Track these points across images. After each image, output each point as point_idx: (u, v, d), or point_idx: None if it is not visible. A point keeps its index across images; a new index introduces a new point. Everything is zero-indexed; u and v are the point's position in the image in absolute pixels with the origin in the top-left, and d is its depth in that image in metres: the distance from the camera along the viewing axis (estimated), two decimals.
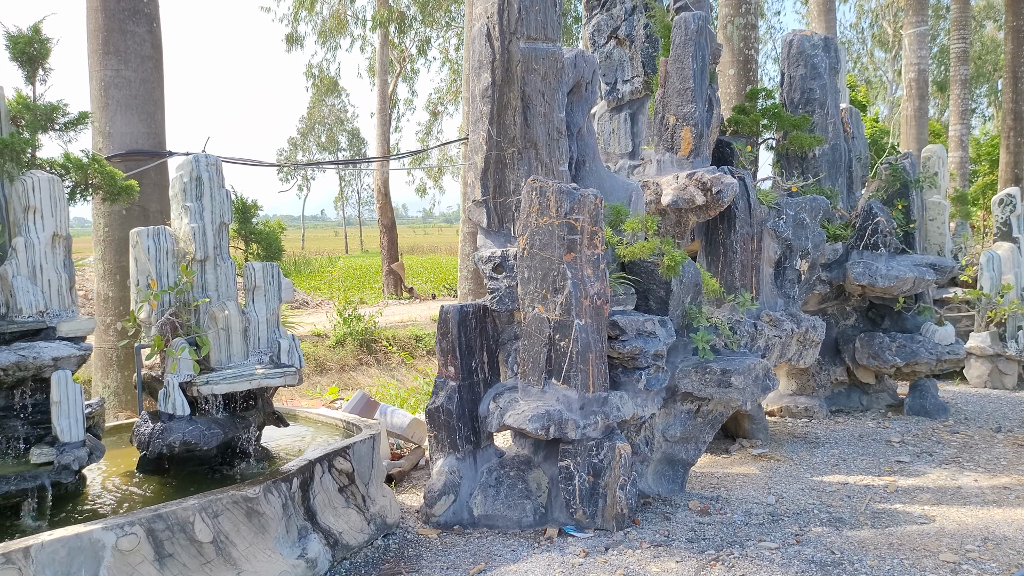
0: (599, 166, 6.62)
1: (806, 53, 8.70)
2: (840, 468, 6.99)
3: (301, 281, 30.43)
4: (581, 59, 6.45)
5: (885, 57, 50.47)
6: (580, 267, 5.45)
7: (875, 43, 50.51)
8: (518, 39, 5.89)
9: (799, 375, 8.93)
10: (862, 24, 51.32)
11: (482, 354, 6.10)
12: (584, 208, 5.44)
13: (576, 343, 5.40)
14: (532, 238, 5.58)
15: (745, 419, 7.88)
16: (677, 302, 6.21)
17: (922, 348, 8.45)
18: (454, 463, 5.92)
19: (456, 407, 5.92)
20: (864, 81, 49.87)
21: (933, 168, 12.41)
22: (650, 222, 5.93)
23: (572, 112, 6.49)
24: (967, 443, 7.62)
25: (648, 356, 5.77)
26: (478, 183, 6.04)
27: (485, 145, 5.99)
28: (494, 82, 5.93)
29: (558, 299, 5.46)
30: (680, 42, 7.10)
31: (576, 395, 5.44)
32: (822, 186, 8.41)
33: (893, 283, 8.06)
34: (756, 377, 6.18)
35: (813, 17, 16.04)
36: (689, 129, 7.12)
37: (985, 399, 9.47)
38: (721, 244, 7.26)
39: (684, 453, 6.38)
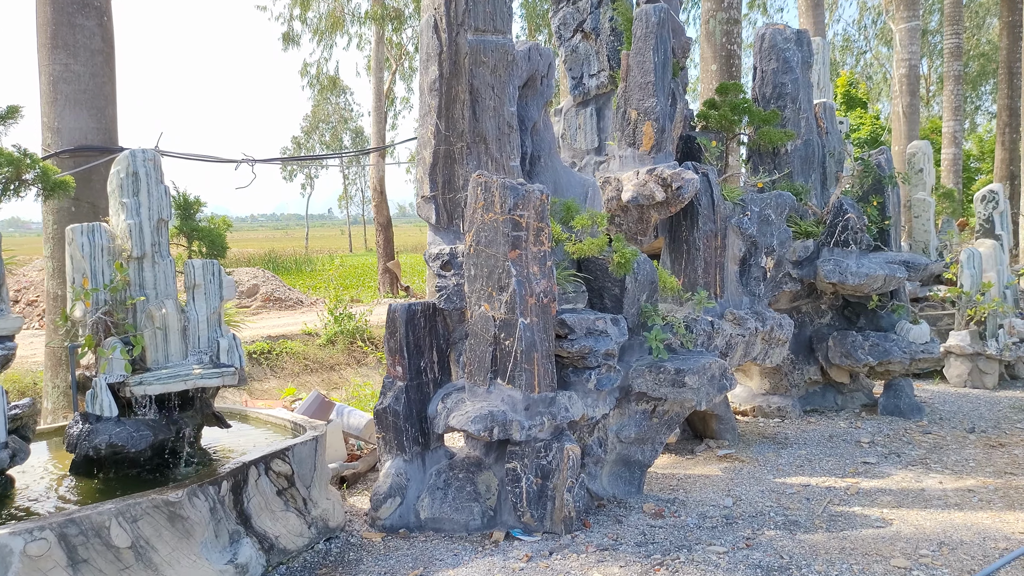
0: (556, 161, 6.48)
1: (778, 47, 8.54)
2: (804, 469, 6.84)
3: (299, 279, 30.36)
4: (535, 52, 6.30)
5: (888, 53, 50.20)
6: (525, 264, 5.31)
7: (879, 40, 50.23)
8: (466, 31, 5.75)
9: (772, 374, 8.77)
10: (865, 21, 51.03)
11: (431, 353, 5.96)
12: (529, 204, 5.30)
13: (521, 342, 5.26)
14: (478, 235, 5.45)
15: (713, 419, 7.74)
16: (632, 300, 6.07)
17: (895, 347, 8.29)
18: (401, 465, 5.79)
19: (403, 408, 5.78)
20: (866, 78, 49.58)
21: (918, 164, 12.26)
22: (600, 218, 5.79)
23: (526, 106, 6.35)
24: (938, 444, 7.46)
25: (599, 355, 5.63)
26: (426, 179, 5.91)
27: (433, 140, 5.86)
28: (441, 75, 5.80)
29: (503, 297, 5.32)
30: (641, 35, 6.95)
31: (521, 396, 5.30)
32: (793, 182, 8.25)
33: (863, 281, 7.90)
34: (712, 377, 6.03)
35: (801, 12, 15.85)
36: (651, 124, 6.97)
37: (963, 399, 9.30)
38: (684, 241, 7.12)
39: (640, 454, 6.24)
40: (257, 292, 22.08)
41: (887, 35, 48.08)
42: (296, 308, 22.47)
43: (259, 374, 12.21)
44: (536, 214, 5.33)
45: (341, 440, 6.99)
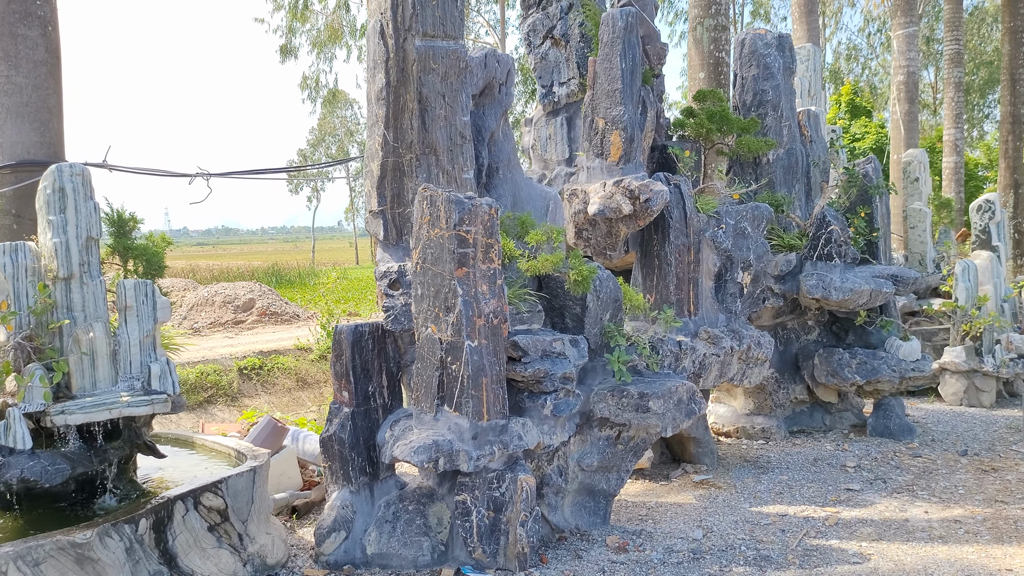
0: (515, 173, 6.15)
1: (759, 52, 8.20)
2: (784, 497, 6.47)
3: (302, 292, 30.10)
4: (492, 58, 5.99)
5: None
6: (473, 283, 4.98)
7: (884, 48, 49.84)
8: (414, 36, 5.44)
9: (756, 394, 8.40)
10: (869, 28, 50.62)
11: (381, 377, 5.64)
12: (477, 219, 4.97)
13: (467, 366, 4.92)
14: (424, 252, 5.12)
15: (690, 442, 7.37)
16: (594, 319, 5.73)
17: (884, 365, 7.91)
18: (347, 497, 5.45)
19: (349, 436, 5.45)
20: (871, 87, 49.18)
21: (914, 173, 11.89)
22: (557, 233, 5.46)
23: (483, 115, 6.03)
24: (927, 468, 7.08)
25: (555, 379, 5.28)
26: (374, 192, 5.59)
27: (381, 151, 5.54)
28: (388, 83, 5.49)
29: (450, 318, 4.99)
30: (607, 40, 6.64)
31: (468, 423, 4.96)
32: (774, 193, 7.91)
33: (847, 296, 7.53)
34: (679, 401, 5.68)
35: (795, 18, 15.51)
36: (618, 133, 6.64)
37: (958, 418, 8.90)
38: (656, 256, 6.77)
39: (605, 483, 5.88)
40: (253, 306, 21.80)
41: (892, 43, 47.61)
42: (292, 322, 22.20)
43: (250, 390, 11.90)
44: (485, 229, 5.00)
45: (295, 467, 6.66)
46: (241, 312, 21.70)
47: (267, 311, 22.74)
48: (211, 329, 19.89)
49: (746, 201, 8.01)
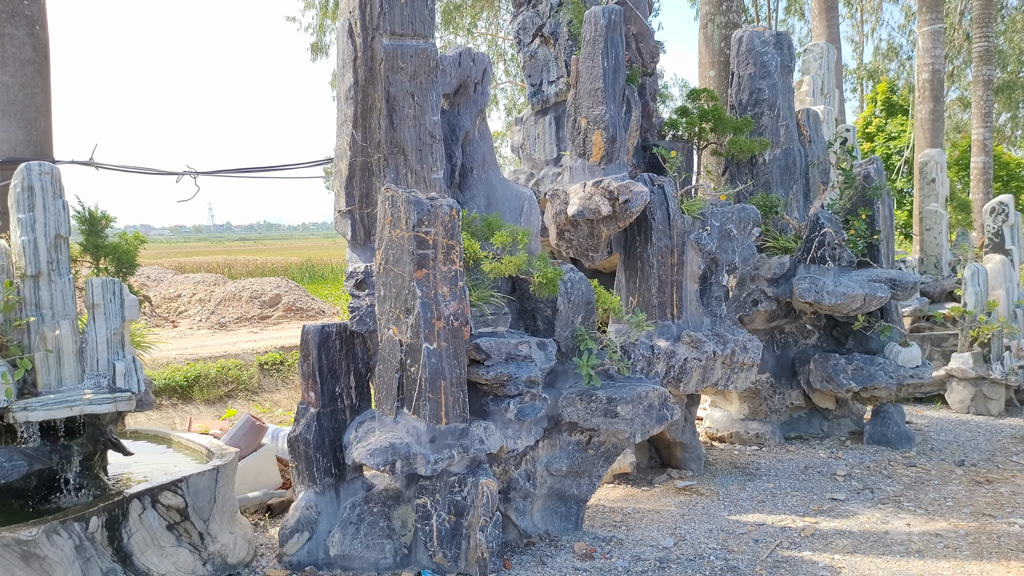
0: (491, 174, 6.08)
1: (756, 50, 8.03)
2: (765, 505, 6.33)
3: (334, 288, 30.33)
4: (467, 57, 5.93)
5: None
6: (433, 285, 4.92)
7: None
8: (382, 35, 5.40)
9: (751, 398, 8.24)
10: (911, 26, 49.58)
11: (348, 378, 5.61)
12: (437, 220, 4.92)
13: (425, 369, 4.87)
14: (387, 253, 5.08)
15: (677, 447, 7.25)
16: (565, 322, 5.64)
17: (881, 371, 7.70)
18: (312, 498, 5.43)
19: (315, 436, 5.43)
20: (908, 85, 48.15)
21: (931, 174, 11.60)
22: (523, 235, 5.38)
23: (458, 115, 5.98)
24: (919, 479, 6.88)
25: (519, 383, 5.21)
26: (343, 192, 5.56)
27: (349, 151, 5.51)
28: (356, 82, 5.45)
29: (409, 320, 4.94)
30: (590, 38, 6.54)
31: (425, 427, 4.90)
32: (769, 194, 7.74)
33: (841, 300, 7.34)
34: (649, 406, 5.57)
35: (815, 15, 15.22)
36: (600, 133, 6.54)
37: (962, 427, 8.65)
38: (638, 258, 6.66)
39: (576, 488, 5.80)
40: (279, 302, 22.03)
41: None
42: (317, 318, 22.41)
43: (270, 385, 12.05)
44: (445, 230, 4.95)
45: (274, 466, 6.67)
46: (267, 307, 21.93)
47: (293, 307, 22.94)
48: (237, 324, 20.12)
49: (743, 202, 7.86)
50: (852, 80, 51.18)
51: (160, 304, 21.80)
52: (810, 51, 11.81)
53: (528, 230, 5.49)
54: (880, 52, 48.87)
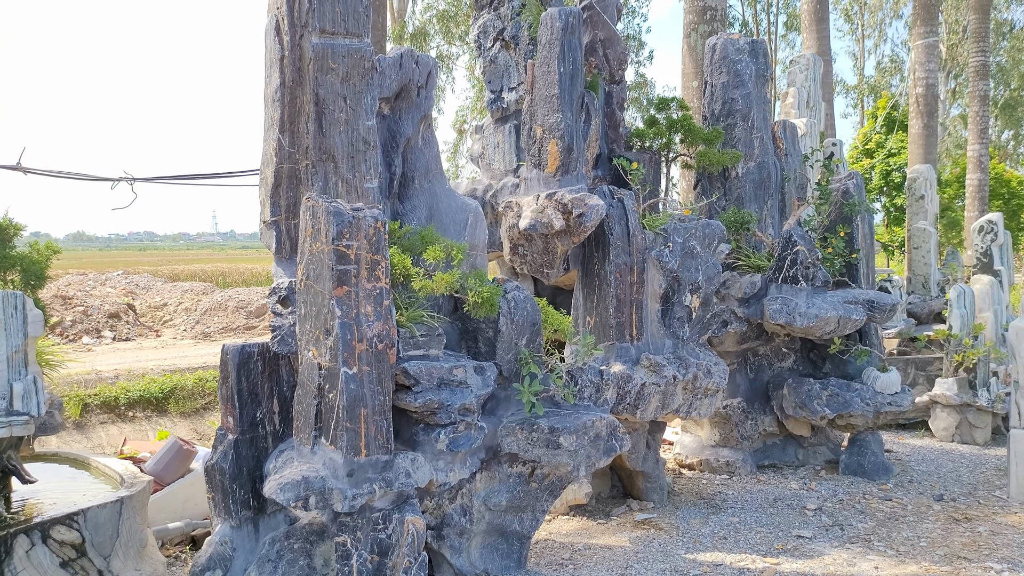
0: (436, 183, 5.69)
1: (729, 59, 7.65)
2: (727, 543, 5.89)
3: None
4: (410, 59, 5.54)
5: (941, 76, 48.59)
6: (355, 304, 4.51)
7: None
8: (310, 33, 5.01)
9: (723, 424, 7.81)
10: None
11: (271, 402, 5.19)
12: (359, 233, 4.51)
13: (343, 396, 4.45)
14: (307, 268, 4.68)
15: (639, 477, 6.83)
16: (508, 344, 5.23)
17: (857, 397, 7.28)
18: (227, 532, 5.01)
19: (231, 465, 5.01)
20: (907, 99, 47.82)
21: (919, 191, 11.20)
22: (457, 250, 4.97)
23: (399, 120, 5.58)
24: (894, 514, 6.44)
25: (452, 411, 4.79)
26: (268, 201, 5.16)
27: (275, 157, 5.12)
28: (283, 83, 5.06)
29: (328, 342, 4.53)
30: (546, 42, 6.16)
31: (342, 459, 4.48)
32: (741, 209, 7.34)
33: (813, 323, 6.92)
34: (596, 437, 5.15)
35: (805, 27, 14.86)
36: (556, 142, 6.15)
37: (945, 457, 8.21)
38: (596, 275, 6.26)
39: (518, 524, 5.37)
40: (266, 312, 21.62)
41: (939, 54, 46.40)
42: None
43: None
44: (369, 244, 4.54)
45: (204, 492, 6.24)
46: (254, 317, 21.51)
47: None
48: (222, 334, 19.70)
49: (716, 217, 7.47)
50: (854, 95, 50.95)
51: (145, 313, 21.40)
52: (796, 63, 11.43)
53: (464, 245, 5.08)
54: (882, 67, 48.62)
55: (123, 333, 18.88)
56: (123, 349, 16.22)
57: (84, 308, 19.35)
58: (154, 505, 5.96)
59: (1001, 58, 45.85)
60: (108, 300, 20.10)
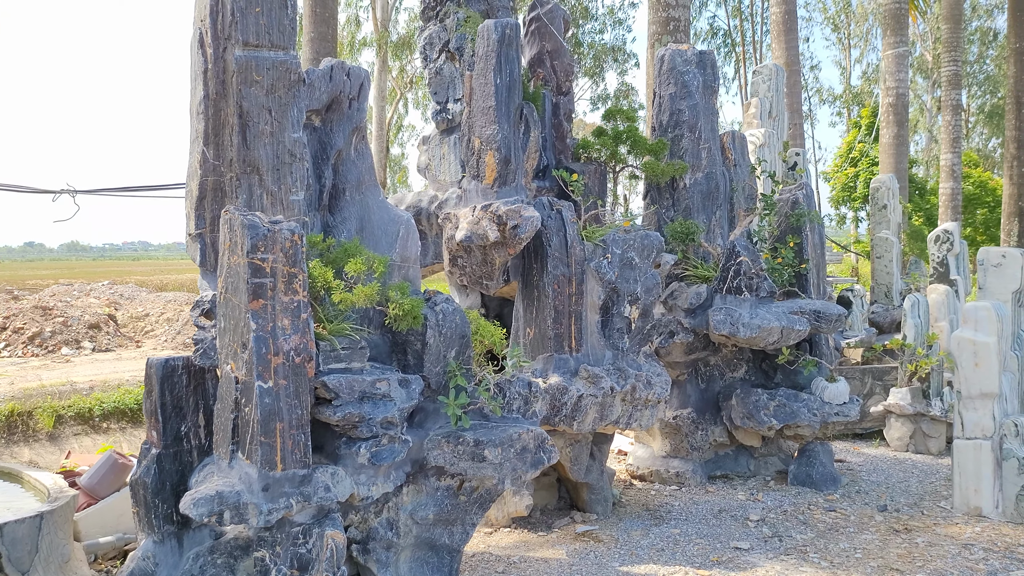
0: (368, 196, 5.67)
1: (677, 69, 7.67)
2: (664, 555, 5.88)
3: None
4: (340, 71, 5.54)
5: (924, 84, 48.96)
6: (272, 317, 4.49)
7: (914, 70, 48.93)
8: (234, 45, 5.00)
9: (673, 435, 7.80)
10: None
11: (197, 416, 5.16)
12: (275, 245, 4.50)
13: (257, 410, 4.43)
14: (226, 281, 4.67)
15: (583, 488, 6.81)
16: (436, 356, 5.22)
17: (804, 408, 7.28)
18: (150, 547, 4.97)
19: (154, 480, 4.98)
20: None
21: (882, 200, 11.24)
22: (379, 262, 4.96)
23: (331, 132, 5.58)
24: (835, 525, 6.43)
25: (374, 424, 4.77)
26: (193, 214, 5.15)
27: (200, 169, 5.10)
28: (207, 95, 5.05)
29: (244, 355, 4.51)
30: (483, 54, 6.16)
31: (257, 473, 4.46)
32: (688, 220, 7.34)
33: (756, 333, 6.92)
34: (522, 450, 5.13)
35: (773, 37, 14.94)
36: (493, 154, 6.15)
37: (897, 467, 8.21)
38: (535, 287, 6.25)
39: (447, 537, 5.34)
40: None
41: (923, 65, 46.81)
42: None
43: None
44: (286, 257, 4.53)
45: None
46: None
47: None
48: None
49: (663, 228, 7.48)
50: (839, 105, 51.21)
51: (127, 323, 21.31)
52: (759, 72, 11.48)
53: (386, 257, 5.07)
54: (868, 76, 48.87)
55: (103, 344, 18.80)
56: (102, 360, 16.16)
57: (64, 319, 19.27)
58: (88, 519, 5.92)
59: (988, 66, 46.17)
60: (89, 311, 20.02)
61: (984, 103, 48.04)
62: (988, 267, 6.94)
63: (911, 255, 12.07)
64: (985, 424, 6.60)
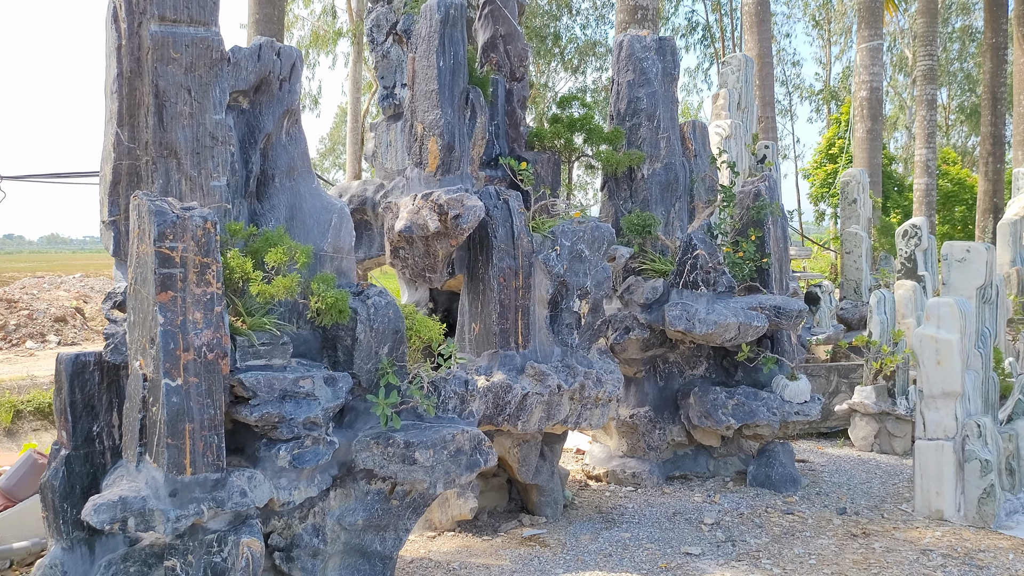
0: (300, 182, 5.37)
1: (636, 56, 7.40)
2: (610, 560, 5.63)
3: None
4: (269, 50, 5.23)
5: (905, 82, 49.05)
6: (182, 310, 4.19)
7: (895, 68, 49.01)
8: (149, 20, 4.68)
9: (630, 434, 7.56)
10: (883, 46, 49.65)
11: (110, 416, 4.85)
12: (185, 234, 4.19)
13: (164, 409, 4.13)
14: (136, 271, 4.36)
15: (533, 490, 6.55)
16: (367, 353, 4.93)
17: (763, 407, 7.05)
18: (58, 554, 4.66)
19: (62, 483, 4.67)
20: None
21: (852, 195, 11.04)
22: (302, 252, 4.66)
23: (260, 115, 5.27)
24: (791, 529, 6.20)
25: (296, 424, 4.49)
26: (106, 200, 4.83)
27: (114, 153, 4.78)
28: (121, 73, 4.74)
29: (152, 351, 4.21)
30: (425, 35, 5.87)
31: (163, 477, 4.16)
32: (644, 212, 7.09)
33: (712, 329, 6.67)
34: (456, 451, 4.86)
35: (746, 28, 14.71)
36: (435, 140, 5.86)
37: (861, 467, 8.00)
38: (480, 280, 5.97)
39: (379, 544, 5.06)
40: None
41: (903, 62, 46.88)
42: None
43: None
44: (198, 246, 4.22)
45: None
46: None
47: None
48: None
49: (620, 220, 7.22)
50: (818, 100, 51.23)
51: (94, 316, 20.81)
52: (728, 63, 11.24)
53: (309, 248, 4.78)
54: (848, 72, 48.86)
55: (69, 337, 18.36)
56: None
57: (29, 312, 18.80)
58: (4, 523, 5.60)
59: (969, 64, 46.30)
60: (56, 304, 19.55)
61: (964, 101, 48.22)
62: (952, 262, 6.72)
63: (881, 250, 11.89)
64: (947, 424, 6.40)
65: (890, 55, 47.79)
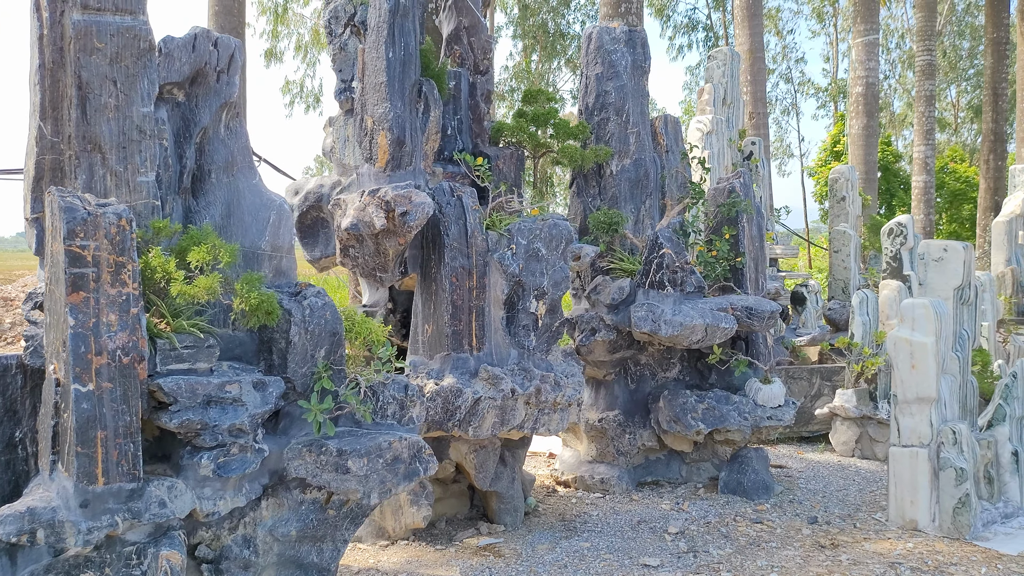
0: (239, 179, 5.16)
1: (604, 48, 7.17)
2: (566, 571, 5.40)
3: None
4: (205, 40, 5.02)
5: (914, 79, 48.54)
6: (95, 311, 3.99)
7: (903, 65, 48.53)
8: (72, 8, 4.48)
9: (599, 438, 7.33)
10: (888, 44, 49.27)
11: (34, 421, 4.65)
12: (98, 231, 3.99)
13: (74, 416, 3.93)
14: (50, 271, 4.16)
15: (492, 497, 6.33)
16: (301, 356, 4.72)
17: (734, 412, 6.81)
18: None
19: None
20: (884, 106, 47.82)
21: (840, 192, 10.77)
22: (227, 251, 4.45)
23: (195, 108, 5.06)
24: (757, 539, 5.96)
25: (220, 432, 4.28)
26: (29, 196, 4.63)
27: (37, 147, 4.58)
28: (43, 64, 4.53)
29: (64, 355, 4.00)
30: (374, 25, 5.66)
31: (73, 487, 3.96)
32: (611, 209, 6.85)
33: (679, 331, 6.43)
34: (394, 460, 4.65)
35: (737, 22, 14.44)
36: (385, 134, 5.65)
37: (839, 473, 7.75)
38: (433, 280, 5.76)
39: (316, 555, 4.85)
40: None
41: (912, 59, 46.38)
42: None
43: None
44: (112, 245, 4.02)
45: None
46: None
47: None
48: None
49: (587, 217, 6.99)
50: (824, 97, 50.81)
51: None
52: (714, 57, 10.99)
53: (235, 246, 4.57)
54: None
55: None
56: None
57: None
58: None
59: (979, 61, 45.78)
60: None
61: (973, 98, 47.77)
62: (929, 261, 6.47)
63: (871, 249, 11.63)
64: (922, 431, 6.15)
65: (898, 51, 47.36)
